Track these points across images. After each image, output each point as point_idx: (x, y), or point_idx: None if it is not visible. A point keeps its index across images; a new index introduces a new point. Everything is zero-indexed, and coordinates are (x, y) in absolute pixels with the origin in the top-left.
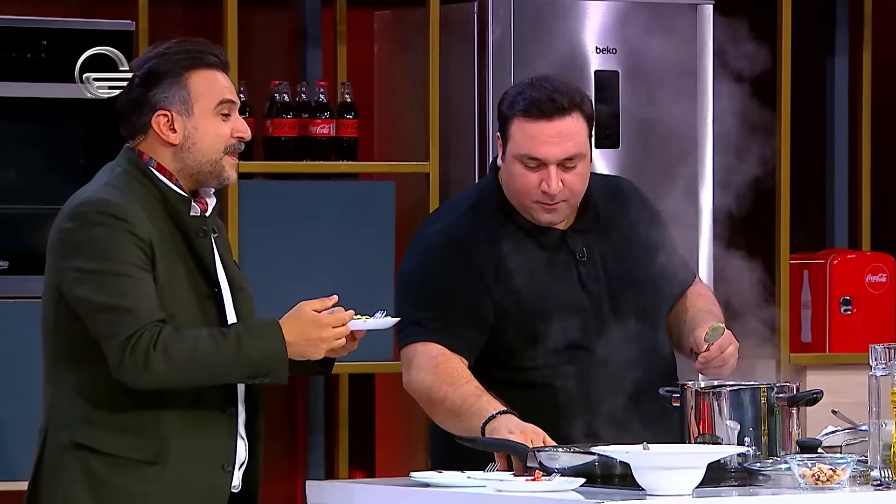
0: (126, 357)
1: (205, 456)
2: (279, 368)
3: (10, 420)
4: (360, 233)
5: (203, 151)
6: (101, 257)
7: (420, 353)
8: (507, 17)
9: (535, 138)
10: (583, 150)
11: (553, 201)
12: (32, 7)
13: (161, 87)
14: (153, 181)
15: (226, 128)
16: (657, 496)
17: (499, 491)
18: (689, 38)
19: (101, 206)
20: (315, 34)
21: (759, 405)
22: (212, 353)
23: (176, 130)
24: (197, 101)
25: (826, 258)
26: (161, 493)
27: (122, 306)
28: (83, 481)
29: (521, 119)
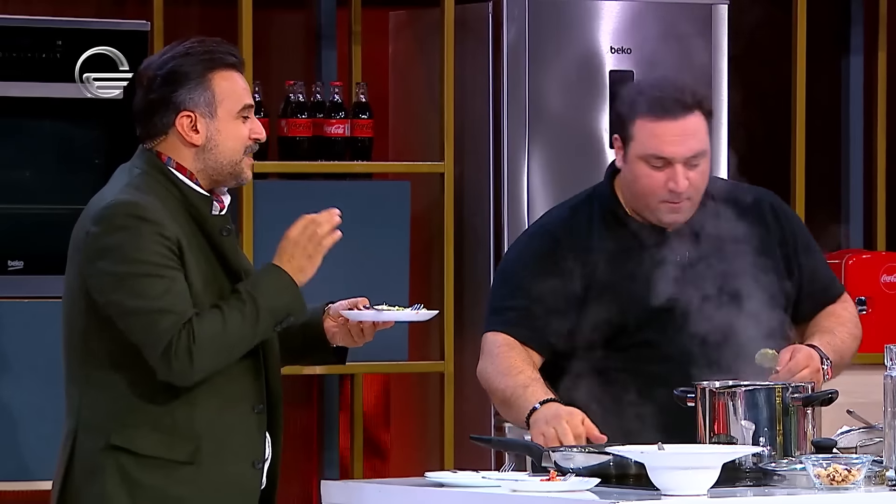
0: (172, 361)
1: (236, 454)
2: (297, 305)
3: (28, 419)
4: (375, 233)
5: (225, 153)
6: (131, 260)
7: (489, 342)
8: (522, 17)
9: (661, 137)
10: (705, 148)
11: (678, 200)
12: (49, 7)
13: (185, 87)
14: (173, 181)
15: (245, 130)
16: (672, 496)
17: (514, 491)
18: (703, 37)
19: (127, 208)
20: (330, 34)
21: (775, 405)
22: (240, 324)
23: (199, 131)
24: (221, 103)
25: (841, 258)
26: (195, 492)
27: (158, 309)
28: (119, 483)
29: (646, 119)
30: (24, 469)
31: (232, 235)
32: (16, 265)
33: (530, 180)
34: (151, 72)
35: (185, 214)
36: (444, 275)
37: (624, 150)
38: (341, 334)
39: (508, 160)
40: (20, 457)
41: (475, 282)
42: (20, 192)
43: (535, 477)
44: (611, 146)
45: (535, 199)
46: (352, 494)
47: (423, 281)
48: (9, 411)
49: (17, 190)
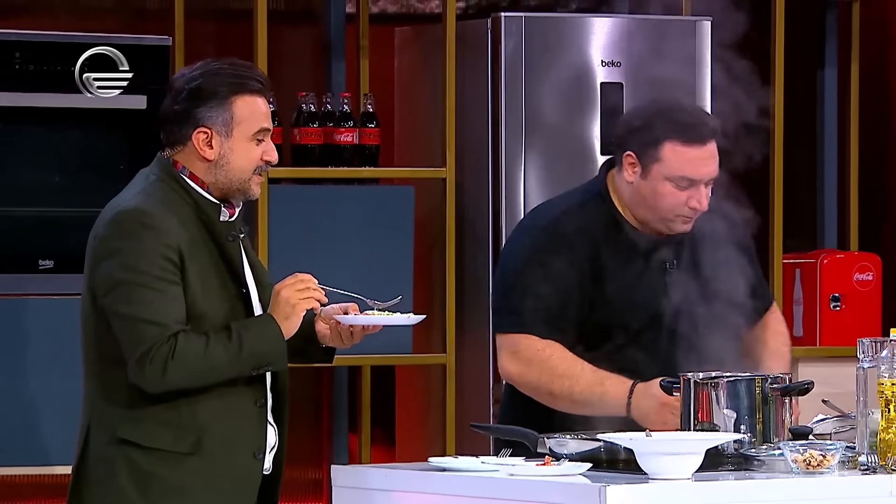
0: (146, 366)
1: (238, 445)
2: (279, 358)
3: (54, 409)
4: (381, 234)
5: (234, 171)
6: (130, 268)
7: (525, 346)
8: (519, 33)
9: (694, 161)
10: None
11: (696, 215)
12: (75, 23)
13: (207, 105)
14: (186, 189)
15: (258, 151)
16: (659, 480)
17: (511, 475)
18: (688, 51)
19: (135, 215)
20: (339, 48)
21: (755, 395)
22: (221, 355)
23: (212, 147)
24: (238, 125)
25: (817, 258)
26: (200, 482)
27: (144, 318)
28: (128, 475)
29: (676, 143)
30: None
31: (238, 241)
32: (46, 264)
33: (527, 185)
34: (181, 84)
35: (196, 220)
36: (446, 274)
37: (643, 168)
38: (332, 336)
39: (506, 166)
40: (47, 445)
41: (475, 281)
42: (50, 195)
43: (531, 462)
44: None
45: (531, 203)
46: (360, 479)
47: (426, 279)
48: (37, 401)
49: (47, 193)
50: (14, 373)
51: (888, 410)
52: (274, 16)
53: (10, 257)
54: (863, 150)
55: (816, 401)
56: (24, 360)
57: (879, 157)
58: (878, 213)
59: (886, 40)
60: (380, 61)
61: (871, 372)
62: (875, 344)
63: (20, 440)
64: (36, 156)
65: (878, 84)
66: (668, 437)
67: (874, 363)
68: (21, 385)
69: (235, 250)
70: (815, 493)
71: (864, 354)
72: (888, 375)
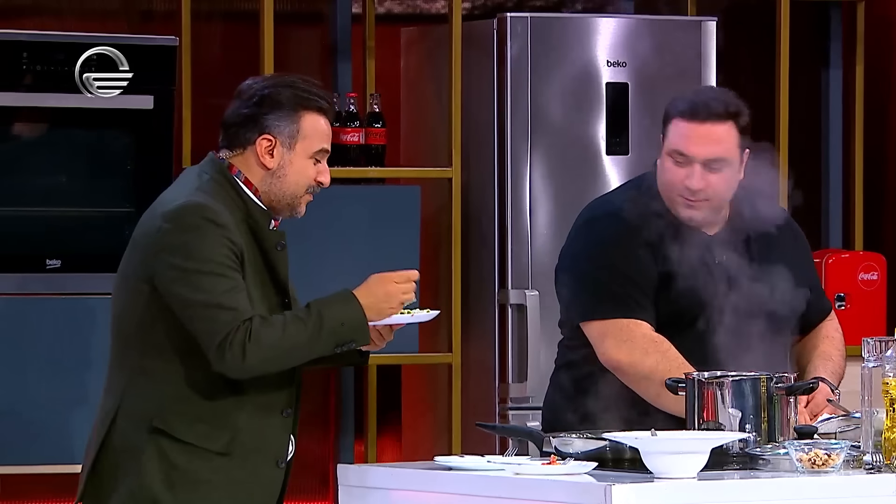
0: (226, 351)
1: (265, 452)
2: (361, 332)
3: (60, 406)
4: (387, 234)
5: (289, 185)
6: (198, 258)
7: (640, 334)
8: (525, 33)
9: (687, 137)
10: (728, 156)
11: (694, 198)
12: (83, 24)
13: (276, 114)
14: (238, 193)
15: (314, 171)
16: (664, 479)
17: (517, 474)
18: (693, 51)
19: (199, 209)
20: (346, 49)
21: (760, 394)
22: (300, 334)
23: (273, 157)
24: (302, 140)
25: (821, 257)
26: (225, 482)
27: (220, 304)
28: (157, 462)
29: (679, 119)
30: (63, 453)
31: (286, 251)
32: (53, 264)
33: (532, 185)
34: (252, 90)
35: (245, 226)
36: (452, 273)
37: (662, 146)
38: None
39: (512, 166)
40: (56, 442)
41: (481, 280)
42: (57, 196)
43: (537, 461)
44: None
45: (536, 202)
46: (366, 478)
47: (433, 279)
48: (43, 400)
49: (54, 194)
50: (20, 372)
51: (893, 410)
52: (280, 16)
53: (17, 257)
54: (867, 150)
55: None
56: (30, 359)
57: (883, 156)
58: (882, 213)
59: (891, 41)
60: (386, 61)
61: (876, 371)
62: (880, 343)
63: (26, 439)
64: (43, 156)
65: (882, 85)
66: (673, 437)
67: (879, 362)
68: (27, 383)
69: (283, 260)
70: (820, 493)
71: (869, 354)
72: (893, 375)
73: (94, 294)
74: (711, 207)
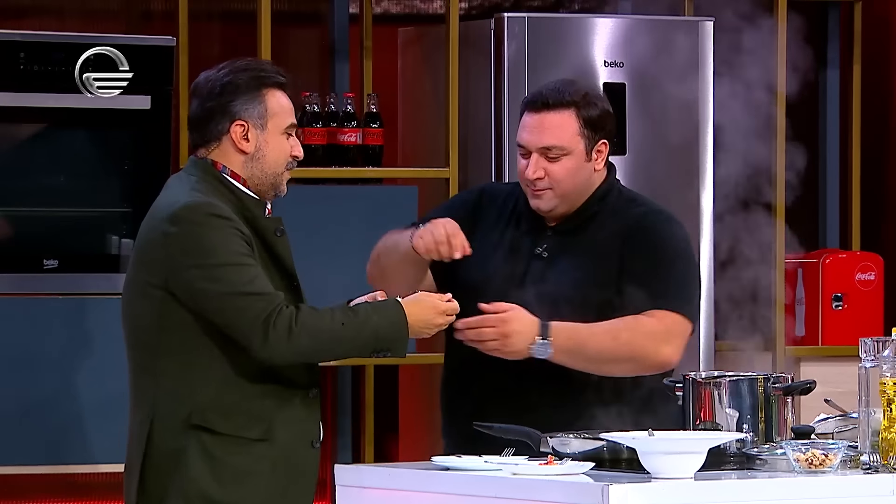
0: (270, 332)
1: (300, 434)
2: (400, 345)
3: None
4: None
5: (270, 164)
6: (216, 253)
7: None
8: (522, 33)
9: (524, 127)
10: (564, 145)
11: (536, 187)
12: (81, 24)
13: (241, 99)
14: (228, 187)
15: (288, 146)
16: (661, 479)
17: (514, 474)
18: (690, 52)
19: (203, 207)
20: (343, 49)
21: (757, 394)
22: (345, 330)
23: (249, 140)
24: (271, 118)
25: (819, 258)
26: (269, 468)
27: (250, 292)
28: (200, 458)
29: (524, 112)
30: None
31: (286, 236)
32: (51, 264)
33: None
34: (210, 83)
35: (241, 218)
36: None
37: None
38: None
39: (509, 166)
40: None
41: None
42: (55, 195)
43: (534, 461)
44: None
45: None
46: (363, 477)
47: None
48: (42, 399)
49: (52, 194)
50: (19, 371)
51: (890, 410)
52: (278, 17)
53: (15, 257)
54: (864, 151)
55: (819, 400)
56: (28, 359)
57: (881, 157)
58: (879, 213)
59: (888, 41)
60: (383, 62)
61: (874, 371)
62: (877, 343)
63: (28, 439)
64: (41, 156)
65: (879, 85)
66: (670, 437)
67: (876, 362)
68: (26, 383)
69: (285, 245)
70: (817, 493)
71: (866, 354)
72: (890, 375)
73: (92, 294)
74: (556, 196)
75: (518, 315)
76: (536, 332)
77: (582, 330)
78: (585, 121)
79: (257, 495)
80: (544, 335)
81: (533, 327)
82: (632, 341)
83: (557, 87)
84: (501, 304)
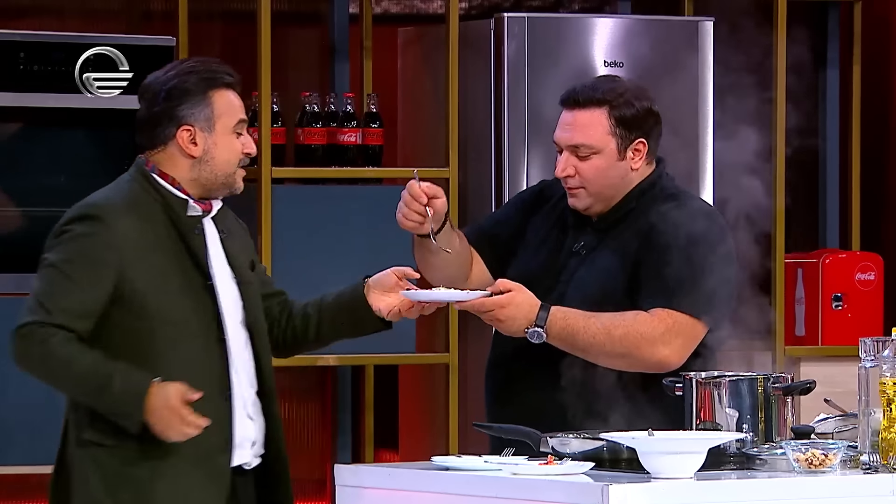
0: (18, 339)
1: (204, 438)
2: (129, 421)
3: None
4: (384, 234)
5: (220, 165)
6: (61, 256)
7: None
8: (522, 33)
9: (558, 125)
10: (592, 143)
11: (568, 185)
12: (81, 24)
13: (188, 103)
14: (154, 186)
15: (239, 144)
16: (661, 479)
17: (514, 474)
18: (690, 52)
19: (84, 208)
20: (343, 49)
21: (757, 394)
22: (80, 371)
23: (197, 144)
24: (219, 119)
25: (819, 257)
26: (167, 475)
27: (44, 301)
28: (97, 474)
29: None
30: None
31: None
32: None
33: (529, 184)
34: (157, 86)
35: (164, 216)
36: None
37: None
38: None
39: (509, 166)
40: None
41: None
42: (55, 195)
43: (534, 461)
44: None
45: None
46: (363, 477)
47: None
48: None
49: (52, 194)
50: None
51: (890, 410)
52: (278, 17)
53: (13, 256)
54: (864, 150)
55: (819, 400)
56: None
57: (881, 156)
58: (879, 213)
59: (888, 41)
60: (383, 62)
61: (873, 371)
62: (877, 343)
63: (23, 439)
64: (42, 156)
65: (879, 84)
66: (670, 437)
67: (876, 362)
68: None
69: (199, 243)
70: (817, 493)
71: (866, 354)
72: (890, 375)
73: None
74: (590, 195)
75: (516, 300)
76: (532, 318)
77: (578, 321)
78: (618, 119)
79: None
80: (541, 322)
81: (530, 313)
82: (625, 338)
83: (592, 85)
84: (505, 283)
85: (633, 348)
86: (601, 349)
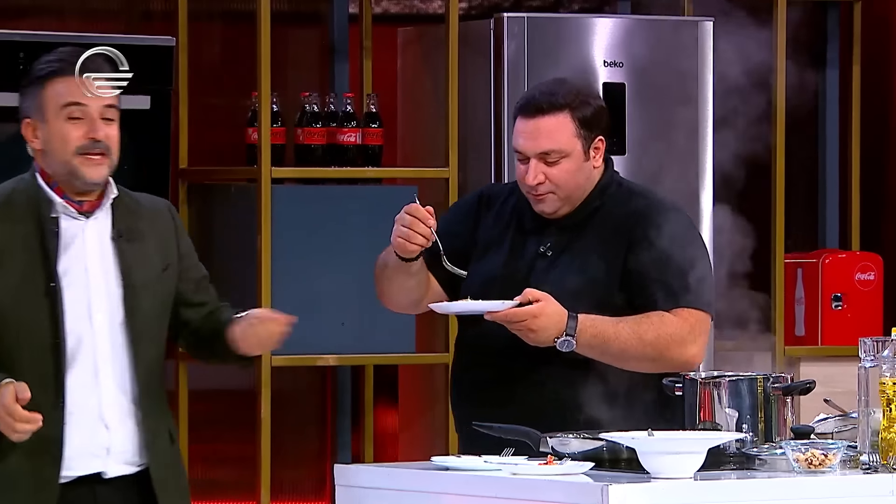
0: None
1: (31, 447)
2: None
3: None
4: (384, 234)
5: (58, 154)
6: None
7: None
8: (521, 33)
9: (519, 134)
10: (562, 147)
11: (537, 192)
12: (82, 24)
13: (26, 97)
14: (35, 183)
15: (74, 130)
16: (661, 479)
17: (514, 474)
18: (690, 52)
19: None
20: (343, 49)
21: (756, 394)
22: None
23: (38, 137)
24: (47, 108)
25: (818, 257)
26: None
27: None
28: None
29: (517, 117)
30: None
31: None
32: None
33: None
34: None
35: (35, 213)
36: None
37: None
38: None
39: (509, 166)
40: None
41: None
42: None
43: (534, 461)
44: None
45: None
46: (363, 477)
47: None
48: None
49: None
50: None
51: (889, 409)
52: (277, 17)
53: None
54: (864, 150)
55: (818, 400)
56: None
57: (881, 156)
58: (879, 213)
59: (888, 41)
60: (383, 62)
61: (873, 371)
62: (876, 343)
63: None
64: None
65: (879, 85)
66: (670, 437)
67: (876, 362)
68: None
69: (52, 245)
70: (817, 493)
71: (866, 354)
72: (889, 375)
73: None
74: (560, 199)
75: (546, 310)
76: (563, 328)
77: (608, 328)
78: (581, 121)
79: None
80: (570, 331)
81: (560, 322)
82: (657, 341)
83: (549, 90)
84: (534, 293)
85: (665, 350)
86: (633, 354)
